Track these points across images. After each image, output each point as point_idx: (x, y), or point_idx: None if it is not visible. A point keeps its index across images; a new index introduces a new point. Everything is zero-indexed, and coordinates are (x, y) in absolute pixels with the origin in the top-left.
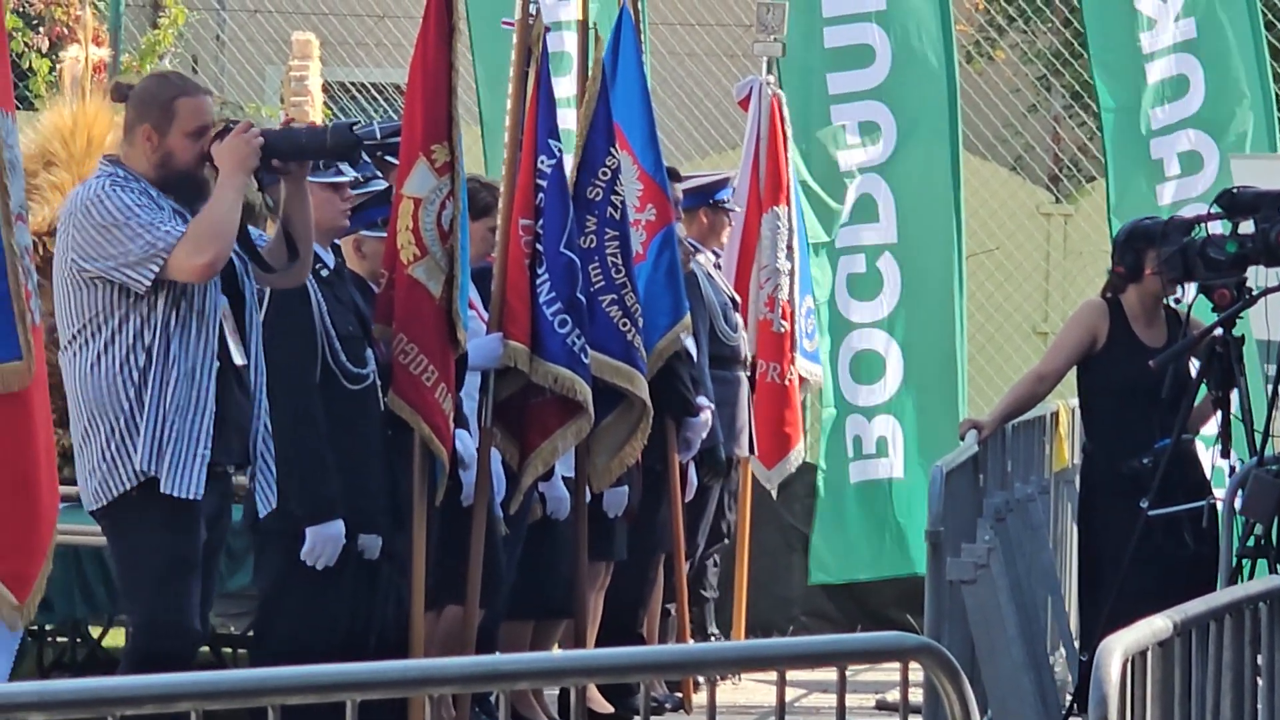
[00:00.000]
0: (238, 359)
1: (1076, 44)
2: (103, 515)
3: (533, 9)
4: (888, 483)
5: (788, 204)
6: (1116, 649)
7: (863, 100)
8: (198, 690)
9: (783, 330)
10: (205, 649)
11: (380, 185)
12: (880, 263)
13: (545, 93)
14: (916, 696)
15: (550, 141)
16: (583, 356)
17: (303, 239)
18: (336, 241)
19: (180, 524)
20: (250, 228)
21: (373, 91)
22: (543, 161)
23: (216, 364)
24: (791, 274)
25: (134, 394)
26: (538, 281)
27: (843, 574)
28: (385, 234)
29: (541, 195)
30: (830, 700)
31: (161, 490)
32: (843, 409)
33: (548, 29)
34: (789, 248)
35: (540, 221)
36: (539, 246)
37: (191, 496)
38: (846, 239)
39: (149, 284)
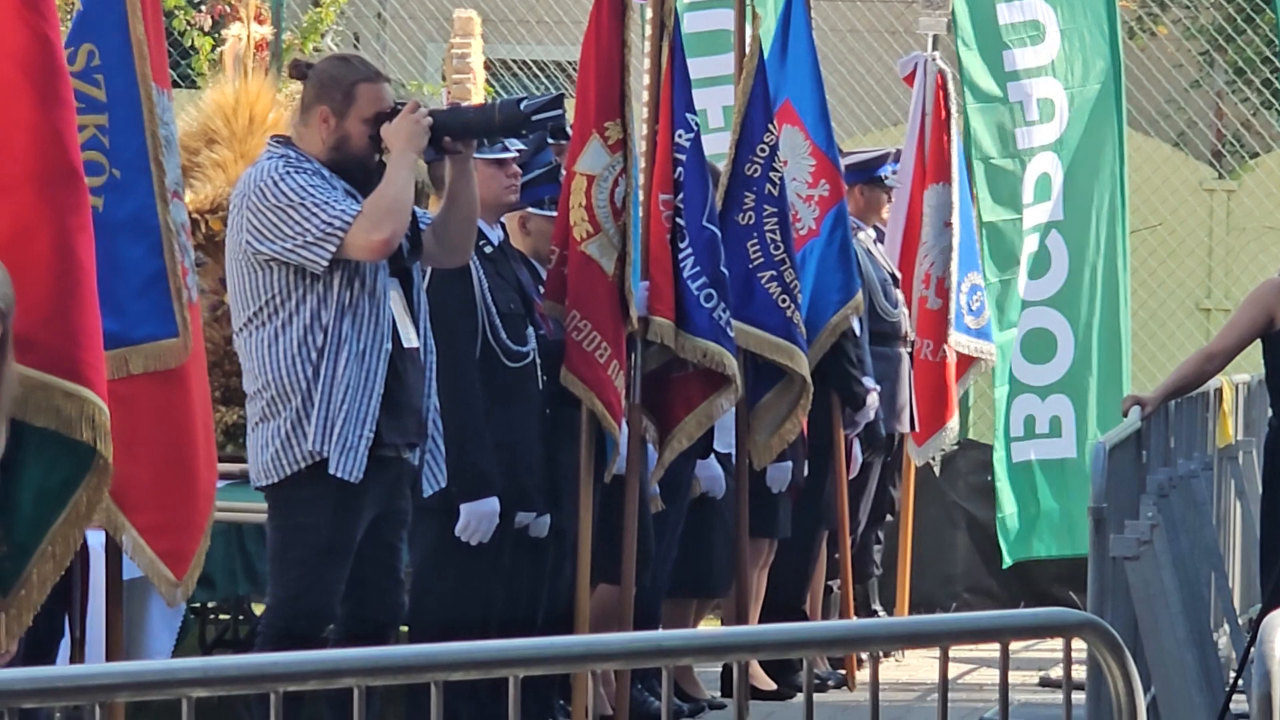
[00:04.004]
0: (408, 341)
1: (1239, 19)
2: (269, 492)
3: None
4: (1061, 462)
5: (949, 181)
6: (1279, 624)
7: (1037, 77)
8: (361, 666)
9: (936, 306)
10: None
11: (549, 161)
12: (1049, 240)
13: (680, 67)
14: (1080, 673)
15: (687, 115)
16: (728, 330)
17: (468, 218)
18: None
19: (343, 507)
20: (415, 208)
21: (534, 69)
22: (680, 136)
23: (388, 346)
24: (949, 250)
25: (311, 373)
26: (681, 256)
27: (1037, 550)
28: (552, 213)
29: (680, 169)
30: (994, 676)
31: (329, 472)
32: (1014, 388)
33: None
34: (948, 224)
35: (680, 196)
36: (680, 221)
37: (353, 480)
38: (1027, 218)
39: (326, 263)
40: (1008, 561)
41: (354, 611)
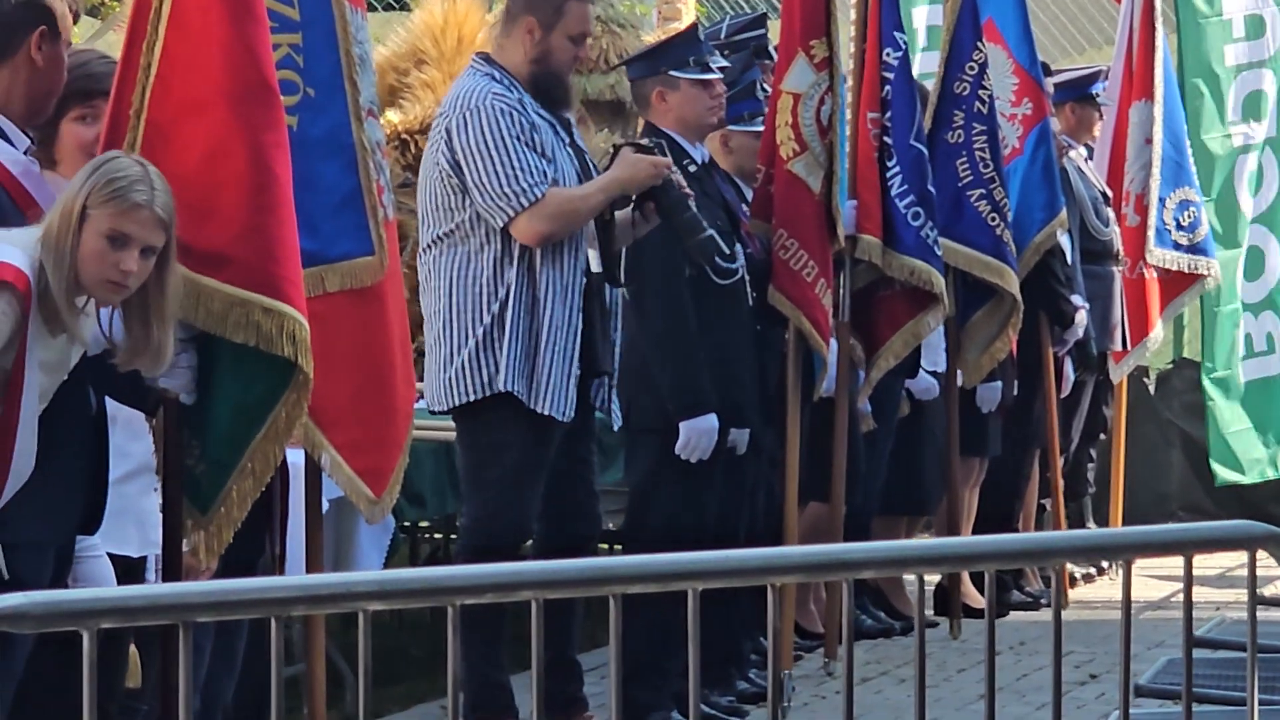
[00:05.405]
0: (595, 265)
1: None
2: (456, 415)
3: None
4: (1270, 380)
5: (1151, 98)
6: None
7: None
8: (538, 579)
9: (1135, 224)
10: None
11: (753, 79)
12: (1264, 158)
13: None
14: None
15: (895, 34)
16: (935, 248)
17: (620, 250)
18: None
19: (538, 436)
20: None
21: None
22: (888, 54)
23: (583, 280)
24: (1149, 167)
25: (498, 307)
26: (888, 174)
27: (1253, 473)
28: (753, 128)
29: (888, 88)
30: (1207, 595)
31: (539, 411)
32: (1241, 306)
33: None
34: (1148, 141)
35: (888, 114)
36: (887, 139)
37: (566, 420)
38: (1241, 136)
39: (501, 226)
40: (1219, 481)
41: (553, 526)
